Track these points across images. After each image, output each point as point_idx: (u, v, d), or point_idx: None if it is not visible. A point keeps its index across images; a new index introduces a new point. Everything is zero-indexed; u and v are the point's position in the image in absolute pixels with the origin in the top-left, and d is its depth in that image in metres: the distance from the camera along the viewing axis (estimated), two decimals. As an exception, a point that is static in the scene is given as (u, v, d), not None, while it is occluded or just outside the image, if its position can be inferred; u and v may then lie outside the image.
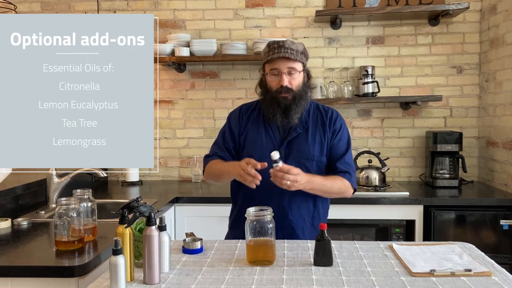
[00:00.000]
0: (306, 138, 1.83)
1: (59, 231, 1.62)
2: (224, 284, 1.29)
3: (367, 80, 3.14)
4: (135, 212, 1.36)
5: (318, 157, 1.82)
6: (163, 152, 3.43)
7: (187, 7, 3.39)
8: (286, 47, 1.75)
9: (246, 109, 1.94)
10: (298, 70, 1.79)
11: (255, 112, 1.92)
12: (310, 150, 1.81)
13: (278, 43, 1.77)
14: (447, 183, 3.00)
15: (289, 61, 1.76)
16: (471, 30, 3.23)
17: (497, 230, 2.63)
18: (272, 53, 1.76)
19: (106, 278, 1.32)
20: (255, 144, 1.85)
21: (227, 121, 1.96)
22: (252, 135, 1.87)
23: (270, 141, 1.84)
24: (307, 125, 1.85)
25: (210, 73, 3.40)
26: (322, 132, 1.85)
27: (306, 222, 1.84)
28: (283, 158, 1.76)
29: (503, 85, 2.88)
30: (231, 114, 1.97)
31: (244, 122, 1.90)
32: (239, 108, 1.97)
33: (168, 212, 2.64)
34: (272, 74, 1.79)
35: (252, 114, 1.91)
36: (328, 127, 1.86)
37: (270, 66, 1.79)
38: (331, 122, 1.87)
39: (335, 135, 1.86)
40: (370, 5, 3.22)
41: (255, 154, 1.82)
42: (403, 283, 1.28)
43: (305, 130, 1.84)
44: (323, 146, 1.84)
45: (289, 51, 1.75)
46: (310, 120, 1.86)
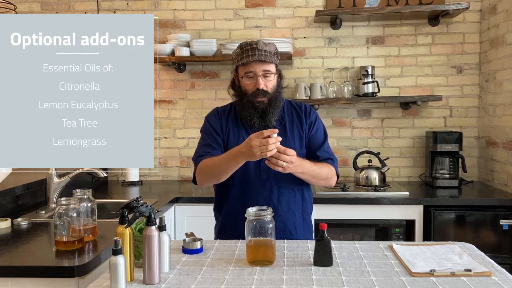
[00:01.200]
0: (285, 134, 1.84)
1: (59, 231, 1.62)
2: (224, 284, 1.29)
3: (367, 80, 3.14)
4: (135, 212, 1.36)
5: (299, 150, 1.83)
6: (163, 152, 3.43)
7: (187, 7, 3.39)
8: (260, 49, 1.74)
9: (222, 111, 1.92)
10: (272, 72, 1.79)
11: (231, 114, 1.90)
12: (291, 144, 1.82)
13: (251, 45, 1.75)
14: (447, 183, 3.00)
15: (264, 63, 1.75)
16: (471, 30, 3.23)
17: (497, 230, 2.63)
18: (246, 55, 1.74)
19: (106, 278, 1.32)
20: (237, 144, 1.77)
21: (206, 122, 1.92)
22: (234, 137, 1.86)
23: None
24: (283, 121, 1.87)
25: (210, 73, 3.40)
26: (299, 125, 1.88)
27: (297, 217, 1.86)
28: None
29: (503, 85, 2.88)
30: (208, 116, 1.94)
31: (224, 122, 1.89)
32: (215, 110, 1.94)
33: (168, 212, 2.64)
34: (247, 77, 1.78)
35: (230, 116, 1.90)
36: (304, 119, 1.89)
37: (245, 69, 1.77)
38: (306, 115, 1.90)
39: (312, 126, 1.89)
40: (370, 5, 3.23)
41: None
42: (403, 283, 1.28)
43: (283, 126, 1.86)
44: (302, 139, 1.87)
45: (263, 53, 1.74)
46: (286, 116, 1.88)
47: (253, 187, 1.81)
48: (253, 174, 1.81)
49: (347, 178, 3.30)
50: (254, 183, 1.81)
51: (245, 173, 1.80)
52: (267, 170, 1.77)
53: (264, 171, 1.79)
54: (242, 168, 1.74)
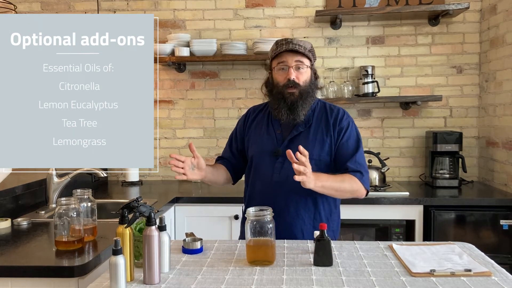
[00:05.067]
0: (307, 137, 1.80)
1: (59, 231, 1.62)
2: (224, 284, 1.29)
3: (367, 80, 3.14)
4: (135, 212, 1.36)
5: (317, 155, 1.78)
6: (163, 152, 3.43)
7: (187, 7, 3.39)
8: (294, 43, 1.75)
9: (253, 111, 1.97)
10: (306, 64, 1.77)
11: (261, 113, 1.93)
12: (310, 148, 1.76)
13: (286, 39, 1.77)
14: (447, 183, 3.00)
15: (297, 54, 1.74)
16: (471, 30, 3.23)
17: (497, 230, 2.63)
18: (280, 48, 1.76)
19: (106, 278, 1.32)
20: (256, 144, 1.86)
21: (238, 122, 2.01)
22: (255, 136, 1.88)
23: (271, 141, 1.83)
24: (309, 123, 1.82)
25: (210, 73, 3.40)
26: (325, 131, 1.81)
27: (306, 223, 1.79)
28: (282, 157, 1.76)
29: (503, 85, 2.88)
30: (240, 118, 2.01)
31: (249, 123, 1.93)
32: (249, 110, 2.00)
33: (168, 212, 2.64)
34: (279, 68, 1.77)
35: (258, 115, 1.93)
36: (333, 126, 1.81)
37: (277, 60, 1.78)
38: (336, 121, 1.82)
39: (342, 134, 1.81)
40: (370, 5, 3.22)
41: (255, 154, 1.83)
42: (403, 283, 1.28)
43: (307, 129, 1.81)
44: (324, 145, 1.80)
45: (297, 45, 1.74)
46: (314, 119, 1.83)
47: (267, 188, 1.78)
48: (268, 174, 1.80)
49: (347, 178, 3.30)
50: (268, 183, 1.79)
51: (260, 173, 1.83)
52: (279, 173, 1.77)
53: (277, 173, 1.78)
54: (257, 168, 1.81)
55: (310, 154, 1.75)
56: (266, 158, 1.81)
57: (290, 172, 1.61)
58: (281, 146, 1.80)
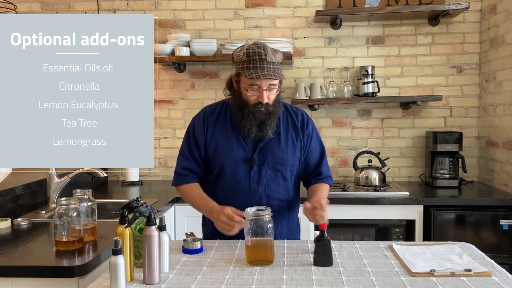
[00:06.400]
0: (278, 143, 1.79)
1: (59, 231, 1.62)
2: (224, 284, 1.29)
3: (367, 80, 3.14)
4: (135, 212, 1.36)
5: (291, 161, 1.80)
6: (163, 152, 3.43)
7: (187, 7, 3.39)
8: (268, 62, 1.65)
9: (210, 113, 1.84)
10: (277, 85, 1.73)
11: (221, 116, 1.83)
12: (284, 154, 1.78)
13: (260, 55, 1.65)
14: (447, 183, 3.00)
15: (272, 79, 1.68)
16: (471, 30, 3.23)
17: (497, 230, 2.63)
18: (254, 68, 1.65)
19: (106, 278, 1.32)
20: (226, 152, 1.78)
21: (191, 127, 1.86)
22: (222, 144, 1.79)
23: (242, 149, 1.78)
24: (278, 129, 1.80)
25: (210, 73, 3.40)
26: (294, 135, 1.82)
27: (283, 227, 1.84)
28: (257, 165, 1.76)
29: (503, 85, 2.88)
30: (194, 119, 1.87)
31: (211, 128, 1.81)
32: (202, 112, 1.86)
33: (168, 212, 2.64)
34: (252, 89, 1.70)
35: (218, 119, 1.82)
36: (301, 130, 1.83)
37: (250, 81, 1.69)
38: (304, 125, 1.84)
39: (310, 138, 1.84)
40: (370, 5, 3.22)
41: (227, 163, 1.78)
42: (403, 283, 1.28)
43: (277, 135, 1.79)
44: (296, 150, 1.81)
45: (271, 67, 1.66)
46: (281, 124, 1.81)
47: (241, 197, 1.75)
48: (243, 183, 1.77)
49: (347, 178, 3.31)
50: (243, 193, 1.76)
51: (234, 182, 1.77)
52: (257, 181, 1.76)
53: (254, 182, 1.76)
54: (230, 177, 1.76)
55: (285, 160, 1.79)
56: (241, 167, 1.77)
57: (266, 179, 1.69)
58: (253, 155, 1.77)
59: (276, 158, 1.78)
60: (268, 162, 1.77)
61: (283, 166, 1.79)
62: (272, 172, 1.77)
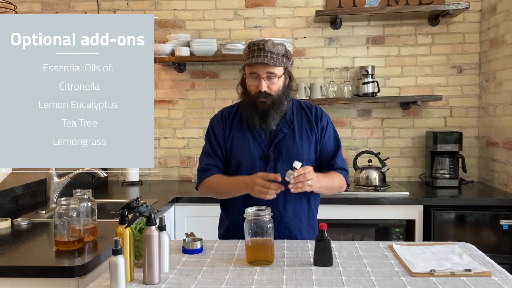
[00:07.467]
0: (293, 138, 1.81)
1: (59, 231, 1.62)
2: (224, 284, 1.29)
3: (367, 80, 3.14)
4: (135, 212, 1.36)
5: (307, 155, 1.81)
6: (163, 152, 3.43)
7: (187, 7, 3.39)
8: (266, 50, 1.68)
9: (227, 113, 1.89)
10: (277, 75, 1.73)
11: (237, 116, 1.87)
12: (299, 149, 1.80)
13: (259, 45, 1.70)
14: (447, 183, 3.00)
15: (269, 66, 1.70)
16: (471, 30, 3.23)
17: (497, 230, 2.63)
18: (252, 56, 1.70)
19: (106, 278, 1.32)
20: (243, 149, 1.81)
21: (210, 127, 1.91)
22: (239, 141, 1.83)
23: (257, 145, 1.81)
24: (292, 124, 1.83)
25: (210, 73, 3.40)
26: (309, 129, 1.84)
27: (303, 223, 1.83)
28: (273, 160, 1.78)
29: (503, 85, 2.88)
30: (213, 119, 1.92)
31: (228, 127, 1.86)
32: (220, 113, 1.92)
33: (168, 212, 2.64)
34: (251, 77, 1.74)
35: (235, 119, 1.86)
36: (315, 124, 1.85)
37: (249, 69, 1.73)
38: (317, 119, 1.85)
39: (324, 132, 1.85)
40: (370, 5, 3.22)
41: (243, 159, 1.80)
42: (403, 283, 1.28)
43: (291, 130, 1.82)
44: (311, 144, 1.83)
45: (268, 55, 1.68)
46: (295, 119, 1.84)
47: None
48: None
49: (347, 178, 3.31)
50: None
51: None
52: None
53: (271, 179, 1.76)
54: (247, 173, 1.75)
55: (300, 155, 1.80)
56: (257, 163, 1.79)
57: (283, 175, 1.66)
58: (269, 151, 1.79)
59: (291, 153, 1.79)
60: (283, 157, 1.78)
61: (298, 160, 1.77)
62: (287, 167, 1.73)
